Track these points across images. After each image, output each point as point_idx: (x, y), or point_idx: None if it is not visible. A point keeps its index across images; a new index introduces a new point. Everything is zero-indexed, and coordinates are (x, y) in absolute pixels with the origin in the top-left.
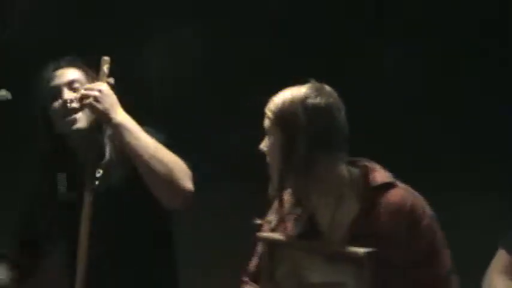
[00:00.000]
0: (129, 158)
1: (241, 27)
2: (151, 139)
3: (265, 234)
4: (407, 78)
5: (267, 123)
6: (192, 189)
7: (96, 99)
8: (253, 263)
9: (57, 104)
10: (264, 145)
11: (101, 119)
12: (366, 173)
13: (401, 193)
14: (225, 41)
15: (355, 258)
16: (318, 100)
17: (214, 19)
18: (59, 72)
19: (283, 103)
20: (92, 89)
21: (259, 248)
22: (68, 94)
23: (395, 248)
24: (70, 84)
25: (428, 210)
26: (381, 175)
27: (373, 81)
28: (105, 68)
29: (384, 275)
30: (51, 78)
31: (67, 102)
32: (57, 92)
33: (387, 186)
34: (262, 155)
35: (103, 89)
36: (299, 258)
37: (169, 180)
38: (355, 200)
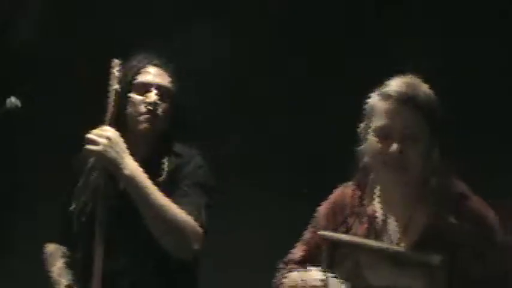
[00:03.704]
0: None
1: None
2: (160, 197)
3: (330, 233)
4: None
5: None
6: (197, 249)
7: (104, 147)
8: (299, 250)
9: (140, 99)
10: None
11: (109, 168)
12: (443, 179)
13: (481, 204)
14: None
15: (426, 265)
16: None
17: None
18: (154, 69)
19: (426, 93)
20: (99, 136)
21: (308, 236)
22: (155, 96)
23: (469, 259)
24: (160, 89)
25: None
26: (459, 185)
27: None
28: (116, 71)
29: (453, 281)
30: (144, 68)
31: (151, 104)
32: (145, 87)
33: (466, 196)
34: None
35: (111, 137)
36: (363, 259)
37: (173, 241)
38: (431, 205)
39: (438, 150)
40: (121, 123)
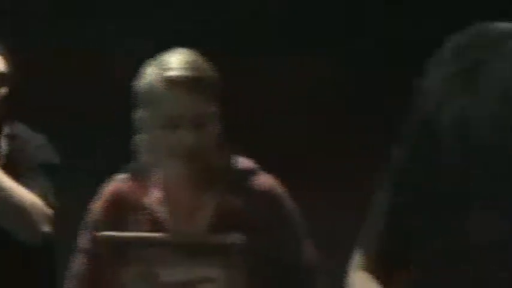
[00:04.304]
0: None
1: None
2: (5, 179)
3: (112, 233)
4: None
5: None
6: (48, 231)
7: None
8: (80, 264)
9: None
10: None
11: None
12: (228, 159)
13: (268, 179)
14: None
15: (223, 248)
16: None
17: None
18: None
19: (208, 71)
20: None
21: (87, 245)
22: None
23: (263, 236)
24: None
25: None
26: (243, 160)
27: None
28: None
29: (251, 264)
30: None
31: None
32: None
33: (254, 174)
34: None
35: None
36: (152, 255)
37: (21, 225)
38: (216, 186)
39: (221, 129)
40: None
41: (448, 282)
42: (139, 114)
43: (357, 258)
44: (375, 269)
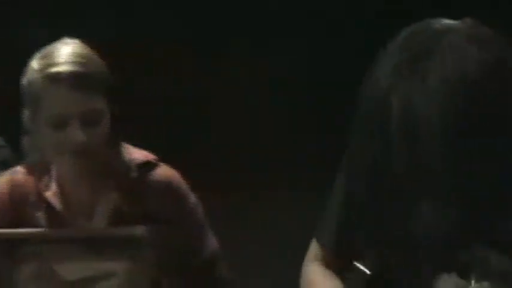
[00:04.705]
0: None
1: None
2: None
3: (4, 230)
4: None
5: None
6: None
7: None
8: None
9: None
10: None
11: None
12: (120, 152)
13: (167, 171)
14: None
15: (125, 242)
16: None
17: None
18: None
19: (97, 64)
20: None
21: None
22: None
23: (164, 228)
24: None
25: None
26: (140, 153)
27: None
28: None
29: (154, 257)
30: None
31: None
32: None
33: (150, 164)
34: None
35: None
36: (51, 253)
37: None
38: (113, 181)
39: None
40: None
41: (400, 272)
42: (26, 112)
43: (313, 250)
44: (330, 261)
